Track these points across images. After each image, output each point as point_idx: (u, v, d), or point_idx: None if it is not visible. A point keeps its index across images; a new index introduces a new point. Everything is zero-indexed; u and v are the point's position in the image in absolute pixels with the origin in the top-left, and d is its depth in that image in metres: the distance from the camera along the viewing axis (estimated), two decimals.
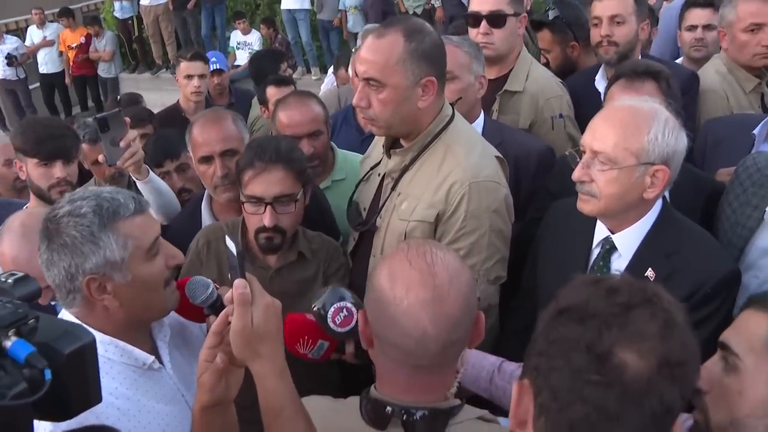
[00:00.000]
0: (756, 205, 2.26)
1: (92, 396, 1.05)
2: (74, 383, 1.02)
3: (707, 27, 3.83)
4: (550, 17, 3.75)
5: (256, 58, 6.20)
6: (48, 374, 0.94)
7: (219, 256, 2.42)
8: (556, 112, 3.16)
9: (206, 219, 2.81)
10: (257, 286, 1.46)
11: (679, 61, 4.04)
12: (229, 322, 1.45)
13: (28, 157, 3.00)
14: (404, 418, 1.40)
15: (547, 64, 3.72)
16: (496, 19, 3.09)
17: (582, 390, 1.02)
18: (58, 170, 2.95)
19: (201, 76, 4.75)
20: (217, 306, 1.79)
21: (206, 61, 4.86)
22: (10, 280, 1.05)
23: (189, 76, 4.73)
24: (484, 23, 3.11)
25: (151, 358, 1.77)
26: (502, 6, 3.10)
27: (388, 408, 1.41)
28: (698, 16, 3.90)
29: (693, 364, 1.08)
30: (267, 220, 2.28)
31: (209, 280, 1.82)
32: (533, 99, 3.15)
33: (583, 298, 1.08)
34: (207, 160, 2.68)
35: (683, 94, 2.93)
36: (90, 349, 1.03)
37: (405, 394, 1.41)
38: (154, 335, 1.86)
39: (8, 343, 0.93)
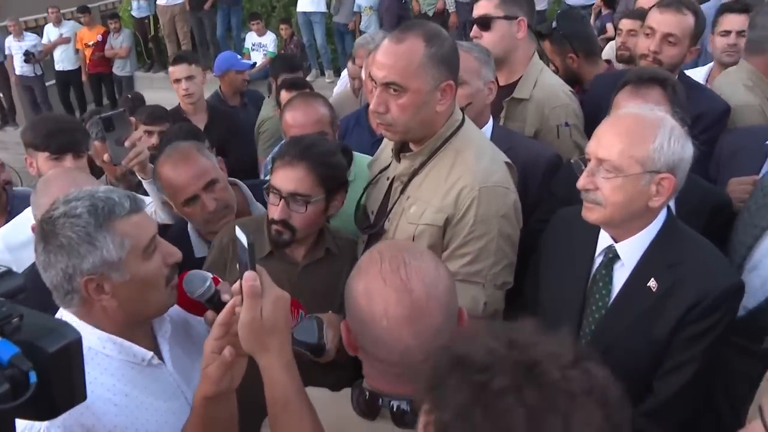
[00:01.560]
0: None
1: (77, 394, 1.04)
2: (59, 382, 1.00)
3: (741, 33, 3.75)
4: (553, 28, 3.81)
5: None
6: (33, 377, 0.93)
7: None
8: (562, 121, 3.14)
9: (196, 242, 2.76)
10: (267, 278, 1.46)
11: (705, 68, 3.99)
12: (236, 314, 1.45)
13: (38, 151, 3.03)
14: (393, 408, 1.42)
15: (556, 72, 3.74)
16: (484, 22, 3.18)
17: None
18: (68, 164, 2.96)
19: (188, 78, 4.73)
20: (215, 300, 1.77)
21: (192, 62, 4.84)
22: None
23: (176, 80, 4.76)
24: (474, 27, 3.22)
25: (150, 354, 1.77)
26: (489, 10, 3.18)
27: (380, 399, 1.43)
28: (733, 21, 3.82)
29: None
30: (276, 213, 2.29)
31: (208, 274, 1.81)
32: (539, 107, 3.14)
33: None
34: (192, 201, 2.60)
35: (712, 126, 2.94)
36: (75, 347, 1.01)
37: (394, 388, 1.43)
38: (155, 331, 1.85)
39: None
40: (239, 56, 6.61)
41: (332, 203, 2.38)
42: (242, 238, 1.46)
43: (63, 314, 1.74)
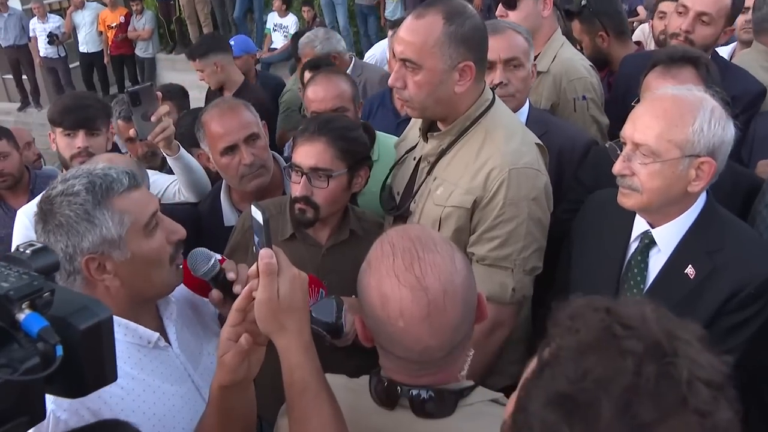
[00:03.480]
0: None
1: (108, 374, 1.02)
2: (89, 360, 0.99)
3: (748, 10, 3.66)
4: (582, 5, 3.74)
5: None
6: (59, 350, 0.91)
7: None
8: (579, 94, 3.11)
9: (227, 211, 2.79)
10: (283, 257, 1.42)
11: (729, 47, 3.90)
12: (253, 298, 1.41)
13: (55, 126, 3.07)
14: (413, 398, 1.39)
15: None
16: (510, 2, 3.18)
17: None
18: (80, 140, 2.99)
19: (201, 71, 4.92)
20: (220, 279, 1.74)
21: (196, 56, 4.93)
22: (28, 251, 1.02)
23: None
24: (500, 6, 3.22)
25: (156, 335, 1.73)
26: None
27: (399, 388, 1.40)
28: None
29: None
30: (298, 189, 2.27)
31: (212, 252, 1.77)
32: (556, 80, 3.12)
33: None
34: (231, 150, 2.65)
35: (748, 110, 2.86)
36: (106, 325, 1.00)
37: (414, 380, 1.40)
38: (161, 313, 1.82)
39: (21, 316, 0.91)
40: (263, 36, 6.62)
41: (355, 180, 2.36)
42: (257, 215, 1.42)
43: None
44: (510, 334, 2.22)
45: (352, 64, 4.79)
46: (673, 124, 1.83)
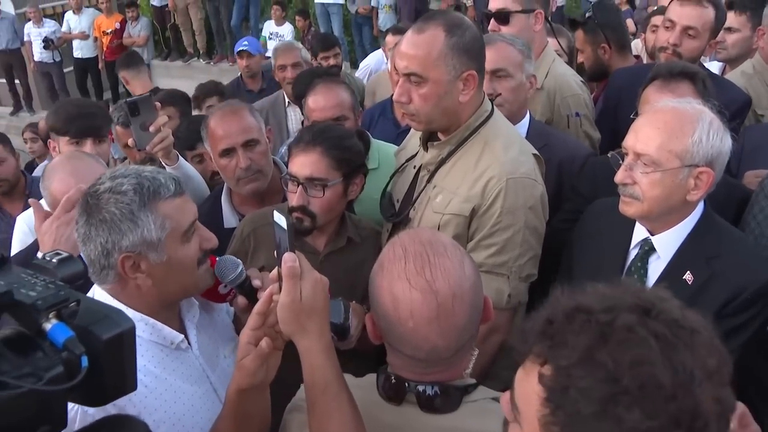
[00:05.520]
0: None
1: (128, 383, 1.04)
2: (111, 369, 1.00)
3: (728, 30, 3.73)
4: (587, 17, 3.78)
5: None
6: (84, 361, 0.93)
7: (268, 243, 2.40)
8: (573, 111, 3.15)
9: (227, 213, 2.81)
10: (305, 261, 1.45)
11: (718, 64, 3.96)
12: (274, 303, 1.44)
13: (60, 135, 3.05)
14: (419, 394, 1.43)
15: (582, 64, 3.73)
16: (502, 17, 3.18)
17: None
18: (88, 148, 2.97)
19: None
20: (245, 286, 1.78)
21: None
22: (54, 260, 1.03)
23: None
24: (492, 21, 3.22)
25: (180, 336, 1.76)
26: (506, 4, 3.19)
27: (407, 384, 1.43)
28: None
29: None
30: (294, 199, 2.29)
31: (239, 260, 1.82)
32: (550, 96, 3.15)
33: None
34: (228, 152, 2.67)
35: (734, 119, 2.88)
36: (129, 336, 1.01)
37: (421, 377, 1.44)
38: (182, 315, 1.85)
39: (48, 326, 0.92)
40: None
41: (351, 188, 2.37)
42: (280, 220, 1.45)
43: (96, 291, 1.74)
44: (505, 340, 2.23)
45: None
46: (674, 135, 1.88)
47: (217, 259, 1.81)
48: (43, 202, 2.41)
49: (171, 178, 1.71)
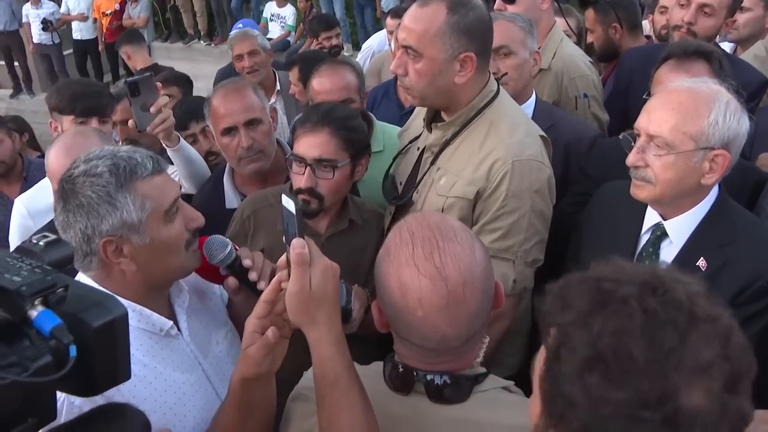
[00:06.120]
0: None
1: (121, 373, 0.99)
2: (102, 358, 0.95)
3: (740, 9, 3.60)
4: None
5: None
6: (73, 351, 0.88)
7: (268, 225, 2.37)
8: (581, 92, 3.11)
9: (229, 193, 2.78)
10: (315, 247, 1.39)
11: (730, 45, 3.89)
12: (282, 290, 1.38)
13: (63, 114, 3.02)
14: (428, 383, 1.38)
15: (591, 44, 3.68)
16: None
17: None
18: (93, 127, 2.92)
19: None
20: (235, 267, 1.73)
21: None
22: (41, 243, 0.98)
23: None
24: (498, 0, 3.20)
25: (169, 323, 1.71)
26: None
27: (415, 373, 1.39)
28: None
29: None
30: (302, 181, 2.25)
31: (227, 239, 1.76)
32: (557, 77, 3.12)
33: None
34: (230, 131, 2.65)
35: (750, 100, 2.84)
36: (121, 323, 0.96)
37: (430, 367, 1.39)
38: (172, 301, 1.80)
39: (34, 313, 0.87)
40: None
41: (357, 168, 2.35)
42: (288, 204, 1.39)
43: (81, 278, 1.69)
44: (510, 326, 2.21)
45: None
46: (689, 117, 1.82)
47: (207, 238, 1.75)
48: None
49: (148, 156, 1.64)
